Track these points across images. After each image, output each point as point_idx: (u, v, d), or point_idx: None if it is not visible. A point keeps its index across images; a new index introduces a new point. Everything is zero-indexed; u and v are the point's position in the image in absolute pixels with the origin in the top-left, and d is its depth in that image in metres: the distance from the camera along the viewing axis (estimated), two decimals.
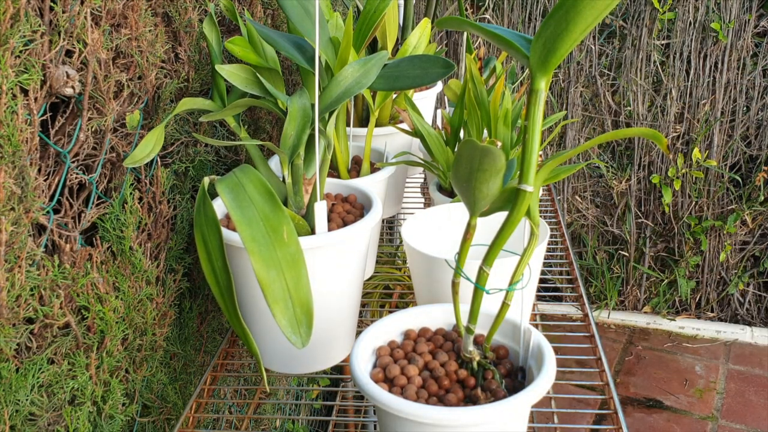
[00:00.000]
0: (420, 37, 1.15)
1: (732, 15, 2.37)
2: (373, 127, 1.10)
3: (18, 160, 0.59)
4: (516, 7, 2.54)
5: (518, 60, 0.52)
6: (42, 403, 0.67)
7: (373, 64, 0.82)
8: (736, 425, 2.10)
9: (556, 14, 0.46)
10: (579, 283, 1.06)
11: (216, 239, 0.67)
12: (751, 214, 2.51)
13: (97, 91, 0.72)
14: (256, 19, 1.14)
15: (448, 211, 0.95)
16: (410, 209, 1.40)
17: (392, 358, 0.69)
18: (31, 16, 0.60)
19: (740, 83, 2.44)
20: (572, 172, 0.73)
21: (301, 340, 0.63)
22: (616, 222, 2.67)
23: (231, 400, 1.23)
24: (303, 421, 1.71)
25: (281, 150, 0.77)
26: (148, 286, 0.83)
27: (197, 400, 0.85)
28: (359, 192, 0.92)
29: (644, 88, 2.51)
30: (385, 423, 0.64)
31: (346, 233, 0.77)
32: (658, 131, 0.77)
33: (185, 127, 0.92)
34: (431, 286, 0.83)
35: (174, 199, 0.90)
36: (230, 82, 0.82)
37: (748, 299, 2.60)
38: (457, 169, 0.56)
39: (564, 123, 1.37)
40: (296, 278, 0.63)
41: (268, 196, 0.66)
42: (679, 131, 2.53)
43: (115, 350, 0.77)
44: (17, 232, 0.60)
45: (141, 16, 0.77)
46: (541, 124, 0.53)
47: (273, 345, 0.82)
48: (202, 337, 1.06)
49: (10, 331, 0.61)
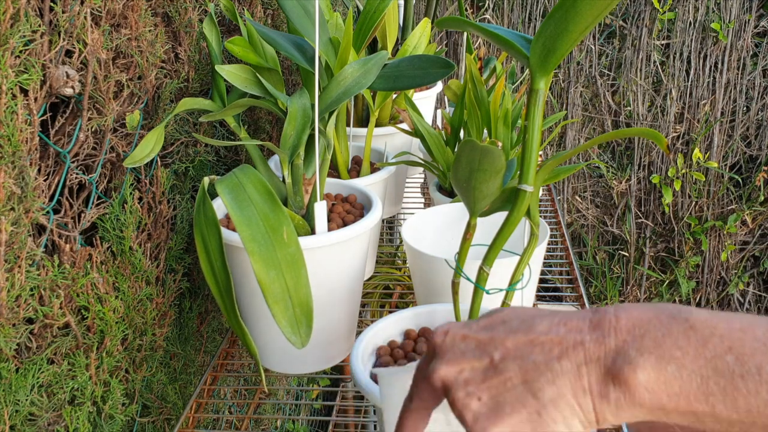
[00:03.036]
0: (420, 37, 1.15)
1: (732, 15, 2.37)
2: (373, 127, 1.10)
3: (18, 160, 0.59)
4: (516, 7, 2.54)
5: (518, 60, 0.52)
6: (42, 403, 0.67)
7: (373, 64, 0.82)
8: None
9: (556, 14, 0.46)
10: (579, 283, 1.06)
11: (216, 239, 0.67)
12: (751, 214, 2.51)
13: (97, 91, 0.72)
14: (256, 19, 1.14)
15: (448, 211, 0.95)
16: (410, 209, 1.40)
17: (392, 357, 0.69)
18: (31, 16, 0.60)
19: (740, 83, 2.44)
20: (572, 172, 0.73)
21: (301, 340, 0.63)
22: (616, 222, 2.67)
23: (231, 400, 1.23)
24: (303, 421, 1.71)
25: (281, 150, 0.77)
26: (148, 286, 0.83)
27: (197, 400, 0.85)
28: (359, 192, 0.92)
29: (644, 88, 2.51)
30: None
31: (346, 233, 0.77)
32: (658, 131, 0.77)
33: (185, 127, 0.92)
34: (431, 286, 0.83)
35: (174, 199, 0.90)
36: (230, 82, 0.82)
37: (748, 299, 2.60)
38: (457, 169, 0.56)
39: (564, 123, 1.37)
40: (296, 278, 0.63)
41: (268, 196, 0.66)
42: (679, 131, 2.53)
43: (115, 350, 0.77)
44: (17, 232, 0.60)
45: (141, 16, 0.77)
46: (541, 124, 0.53)
47: (273, 345, 0.82)
48: (202, 337, 1.06)
49: (10, 331, 0.61)
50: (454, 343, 0.41)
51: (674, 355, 0.34)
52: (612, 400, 0.35)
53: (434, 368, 0.40)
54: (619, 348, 0.35)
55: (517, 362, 0.37)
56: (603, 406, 0.35)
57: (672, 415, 0.34)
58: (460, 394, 0.38)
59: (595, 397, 0.35)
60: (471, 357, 0.39)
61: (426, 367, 0.42)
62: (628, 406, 0.35)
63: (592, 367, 0.35)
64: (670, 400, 0.34)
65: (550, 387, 0.36)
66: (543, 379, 0.36)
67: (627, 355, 0.35)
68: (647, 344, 0.35)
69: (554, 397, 0.36)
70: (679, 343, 0.34)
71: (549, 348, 0.37)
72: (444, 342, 0.41)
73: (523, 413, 0.36)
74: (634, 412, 0.35)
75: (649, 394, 0.34)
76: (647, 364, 0.34)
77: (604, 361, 0.35)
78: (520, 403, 0.36)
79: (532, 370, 0.37)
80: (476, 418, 0.37)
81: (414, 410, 0.42)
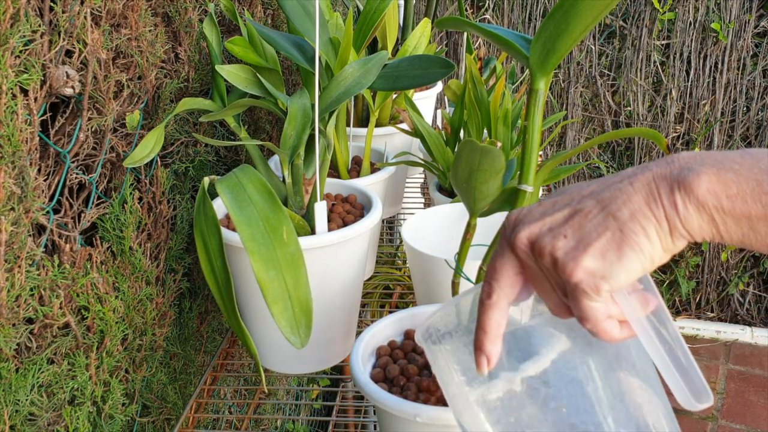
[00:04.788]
0: (420, 38, 1.15)
1: (732, 15, 2.37)
2: (373, 127, 1.10)
3: (18, 160, 0.59)
4: (516, 8, 2.54)
5: (518, 60, 0.52)
6: (42, 403, 0.67)
7: (373, 65, 0.82)
8: (736, 425, 2.10)
9: (556, 14, 0.46)
10: None
11: (216, 239, 0.67)
12: None
13: (97, 91, 0.72)
14: (256, 19, 1.14)
15: (448, 211, 0.95)
16: (410, 209, 1.40)
17: (392, 358, 0.69)
18: (31, 16, 0.60)
19: (740, 83, 2.44)
20: (572, 172, 0.73)
21: (300, 341, 0.63)
22: None
23: (231, 400, 1.23)
24: (303, 421, 1.71)
25: (281, 150, 0.77)
26: (148, 286, 0.83)
27: (197, 400, 0.85)
28: (359, 192, 0.92)
29: (644, 88, 2.51)
30: (385, 423, 0.64)
31: (346, 233, 0.77)
32: (658, 131, 0.77)
33: (185, 127, 0.92)
34: (431, 286, 0.83)
35: (174, 199, 0.90)
36: (230, 82, 0.82)
37: (748, 299, 2.59)
38: (456, 169, 0.56)
39: (564, 123, 1.37)
40: (296, 278, 0.63)
41: (268, 196, 0.66)
42: (679, 131, 2.53)
43: (115, 350, 0.77)
44: (17, 232, 0.60)
45: (141, 16, 0.77)
46: (541, 124, 0.53)
47: (273, 345, 0.82)
48: (202, 337, 1.06)
49: (10, 331, 0.61)
50: (531, 211, 0.43)
51: (732, 167, 0.38)
52: (679, 205, 0.38)
53: (516, 234, 0.42)
54: (683, 165, 0.39)
55: (594, 199, 0.41)
56: (672, 212, 0.38)
57: (729, 222, 0.38)
58: (546, 239, 0.41)
59: (665, 205, 0.39)
60: (551, 213, 0.42)
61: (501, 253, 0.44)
62: (693, 211, 0.38)
63: (661, 181, 0.39)
64: (729, 201, 0.37)
65: (626, 205, 0.39)
66: (619, 201, 0.40)
67: (691, 168, 0.39)
68: (708, 161, 0.39)
69: (632, 212, 0.39)
70: (736, 160, 0.38)
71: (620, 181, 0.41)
72: (521, 214, 0.43)
73: (608, 234, 0.39)
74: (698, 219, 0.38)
75: (710, 196, 0.38)
76: (709, 171, 0.38)
77: (670, 175, 0.39)
78: (602, 227, 0.40)
79: (608, 198, 0.40)
80: (566, 251, 0.40)
81: (494, 304, 0.44)
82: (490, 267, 0.44)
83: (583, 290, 0.40)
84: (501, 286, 0.43)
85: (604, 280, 0.39)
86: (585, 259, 0.39)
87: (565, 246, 0.40)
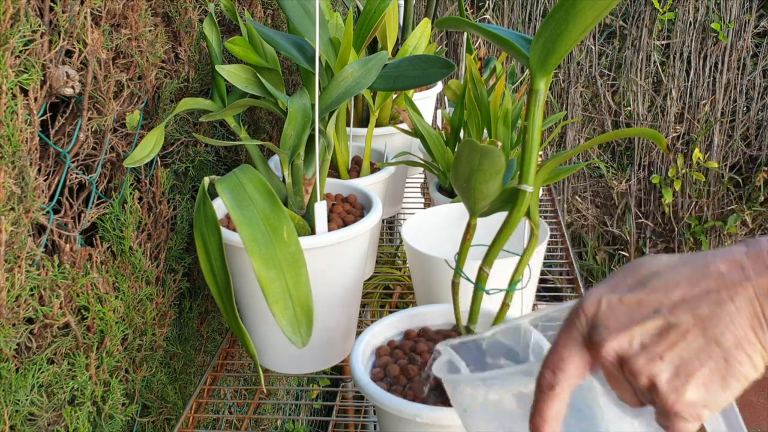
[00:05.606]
0: (420, 38, 1.15)
1: (732, 15, 2.37)
2: (373, 127, 1.10)
3: (18, 160, 0.59)
4: (516, 8, 2.54)
5: (518, 60, 0.52)
6: (42, 403, 0.67)
7: (373, 65, 0.82)
8: None
9: (556, 14, 0.46)
10: (579, 283, 1.06)
11: (216, 239, 0.67)
12: (752, 215, 2.51)
13: (97, 91, 0.72)
14: (256, 19, 1.14)
15: (448, 211, 0.95)
16: (410, 209, 1.41)
17: (392, 358, 0.69)
18: (31, 16, 0.60)
19: (740, 83, 2.44)
20: (572, 172, 0.73)
21: (301, 340, 0.63)
22: (616, 222, 2.67)
23: (231, 400, 1.23)
24: (303, 421, 1.71)
25: (281, 150, 0.77)
26: (148, 286, 0.83)
27: (197, 400, 0.85)
28: (359, 192, 0.92)
29: (644, 88, 2.51)
30: (385, 423, 0.64)
31: (346, 233, 0.77)
32: (658, 131, 0.77)
33: (185, 127, 0.92)
34: (431, 286, 0.83)
35: (174, 199, 0.90)
36: (230, 82, 0.82)
37: None
38: (457, 169, 0.56)
39: (564, 123, 1.38)
40: (296, 278, 0.63)
41: (268, 196, 0.66)
42: (679, 131, 2.53)
43: (115, 350, 0.77)
44: (17, 232, 0.60)
45: (141, 16, 0.77)
46: (541, 125, 0.53)
47: (273, 345, 0.82)
48: (201, 337, 1.06)
49: (10, 331, 0.61)
50: (612, 309, 0.38)
51: None
52: None
53: (601, 341, 0.38)
54: None
55: (689, 313, 0.36)
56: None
57: None
58: (641, 361, 0.37)
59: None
60: (639, 319, 0.37)
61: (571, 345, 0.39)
62: None
63: (765, 299, 0.35)
64: None
65: (730, 329, 0.35)
66: (722, 324, 0.36)
67: None
68: None
69: (737, 340, 0.35)
70: None
71: (717, 291, 0.36)
72: (600, 310, 0.39)
73: (711, 364, 0.36)
74: None
75: None
76: None
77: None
78: (705, 354, 0.36)
79: (709, 318, 0.36)
80: (667, 380, 0.36)
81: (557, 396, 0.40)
82: (554, 354, 0.40)
83: (683, 417, 0.37)
84: (567, 377, 0.40)
85: (707, 409, 0.37)
86: (688, 392, 0.36)
87: (665, 373, 0.36)
